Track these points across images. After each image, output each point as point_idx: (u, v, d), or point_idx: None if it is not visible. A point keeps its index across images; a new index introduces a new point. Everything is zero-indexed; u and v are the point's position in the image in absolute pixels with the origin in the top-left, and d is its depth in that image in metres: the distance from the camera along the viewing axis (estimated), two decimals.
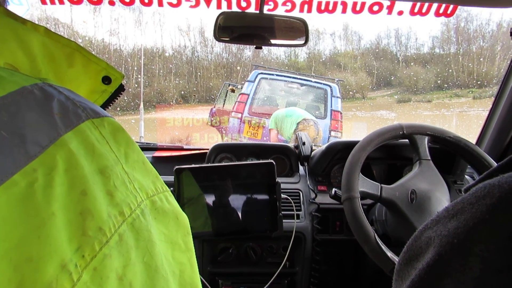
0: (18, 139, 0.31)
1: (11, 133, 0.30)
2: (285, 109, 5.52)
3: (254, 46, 1.29)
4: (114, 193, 0.34)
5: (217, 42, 1.32)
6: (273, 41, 1.30)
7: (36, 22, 0.45)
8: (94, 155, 0.35)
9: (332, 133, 5.99)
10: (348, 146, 1.49)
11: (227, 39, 1.28)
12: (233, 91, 7.66)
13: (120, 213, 0.34)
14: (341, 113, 6.23)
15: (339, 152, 1.63)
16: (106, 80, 0.51)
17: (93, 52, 0.50)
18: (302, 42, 1.31)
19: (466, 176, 1.62)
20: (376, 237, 1.15)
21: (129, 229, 0.34)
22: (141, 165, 0.40)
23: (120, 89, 0.54)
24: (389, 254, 1.12)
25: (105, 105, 0.55)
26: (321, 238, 1.48)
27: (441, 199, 1.23)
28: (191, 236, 0.42)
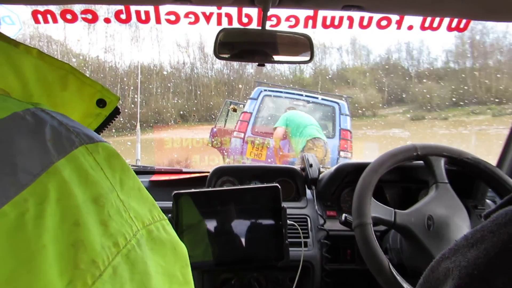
0: (9, 168, 0.31)
1: (1, 162, 0.30)
2: (302, 114, 5.63)
3: (256, 63, 1.31)
4: (108, 223, 0.34)
5: (217, 59, 1.35)
6: (276, 58, 1.31)
7: (28, 40, 0.46)
8: (87, 183, 0.35)
9: (341, 153, 6.00)
10: (359, 168, 1.48)
11: (227, 56, 1.30)
12: (234, 110, 7.71)
13: (115, 244, 0.34)
14: (350, 132, 6.25)
15: (349, 174, 1.63)
16: (101, 103, 0.52)
17: (87, 72, 0.51)
18: (307, 58, 1.32)
19: (487, 201, 1.59)
20: (391, 266, 1.14)
21: (123, 261, 0.34)
22: (137, 192, 0.40)
23: (115, 112, 0.55)
24: (405, 285, 1.10)
25: (99, 129, 0.56)
26: (331, 268, 1.46)
27: (461, 226, 1.22)
28: (189, 267, 0.42)
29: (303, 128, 5.32)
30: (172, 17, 2.61)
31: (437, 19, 2.29)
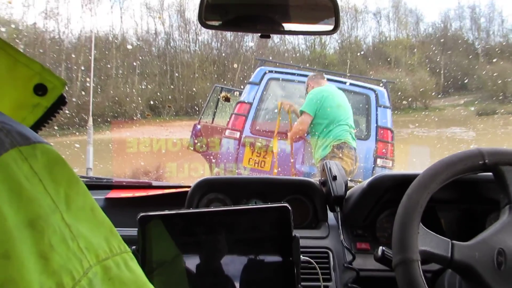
0: None
1: None
2: (343, 97, 5.57)
3: (259, 34, 1.30)
4: (49, 256, 0.34)
5: (203, 28, 1.34)
6: (287, 27, 1.30)
7: None
8: (21, 200, 0.35)
9: (379, 161, 6.05)
10: (403, 182, 1.47)
11: (217, 23, 1.29)
12: (227, 99, 7.73)
13: (58, 285, 0.34)
14: (391, 132, 6.28)
15: (389, 191, 1.65)
16: (40, 89, 0.52)
17: (20, 46, 0.52)
18: (330, 27, 1.31)
19: None
20: None
21: None
22: (89, 213, 0.40)
23: (60, 102, 0.55)
24: None
25: (38, 126, 0.56)
26: None
27: None
28: None
29: (336, 124, 5.30)
30: None
31: None
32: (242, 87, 7.85)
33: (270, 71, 6.71)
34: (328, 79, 6.69)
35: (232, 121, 6.39)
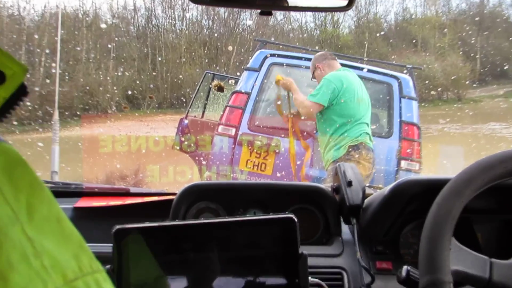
0: None
1: None
2: (361, 85, 5.55)
3: (258, 10, 1.30)
4: (8, 276, 0.34)
5: (191, 3, 1.34)
6: (291, 2, 1.30)
7: None
8: None
9: (403, 163, 6.07)
10: (431, 188, 1.47)
11: None
12: (220, 88, 7.69)
13: None
14: (418, 128, 6.32)
15: (415, 199, 1.66)
16: None
17: None
18: (344, 3, 1.31)
19: None
20: None
21: None
22: (55, 225, 0.40)
23: (20, 92, 0.55)
24: None
25: None
26: None
27: None
28: None
29: (355, 122, 5.26)
30: None
31: None
32: (238, 74, 7.84)
33: (272, 55, 6.68)
34: (342, 65, 6.70)
35: (227, 115, 6.38)
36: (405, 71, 7.05)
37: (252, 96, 6.36)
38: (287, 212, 1.35)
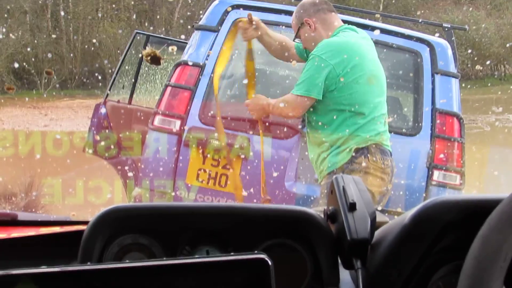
0: None
1: None
2: (381, 68, 5.18)
3: None
4: None
5: None
6: None
7: None
8: None
9: (436, 174, 6.09)
10: (474, 213, 1.51)
11: None
12: (154, 59, 7.51)
13: None
14: (460, 120, 6.28)
15: (450, 230, 1.68)
16: None
17: None
18: None
19: None
20: None
21: None
22: None
23: None
24: None
25: None
26: None
27: None
28: None
29: (367, 112, 5.00)
30: None
31: None
32: (184, 36, 7.82)
33: (237, 7, 6.57)
34: (344, 22, 6.60)
35: (167, 99, 6.28)
36: (440, 33, 6.80)
37: (206, 71, 6.25)
38: (256, 251, 1.37)
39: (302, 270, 1.70)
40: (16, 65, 21.86)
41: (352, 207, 1.64)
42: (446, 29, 6.52)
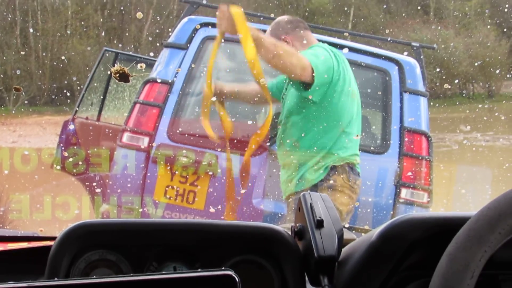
0: None
1: None
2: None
3: None
4: None
5: None
6: None
7: None
8: None
9: (404, 192, 6.10)
10: (441, 231, 1.56)
11: None
12: (123, 76, 7.47)
13: None
14: (428, 138, 6.27)
15: (417, 247, 1.67)
16: None
17: None
18: None
19: None
20: None
21: None
22: None
23: None
24: None
25: None
26: None
27: None
28: None
29: (347, 127, 5.03)
30: None
31: None
32: (152, 54, 7.81)
33: (206, 24, 6.56)
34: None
35: (136, 116, 6.23)
36: (406, 53, 6.69)
37: (175, 88, 6.30)
38: (224, 268, 1.37)
39: (269, 287, 1.69)
40: None
41: (319, 224, 1.65)
42: (415, 47, 6.58)
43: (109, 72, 7.68)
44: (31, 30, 24.84)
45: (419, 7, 27.81)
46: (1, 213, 6.53)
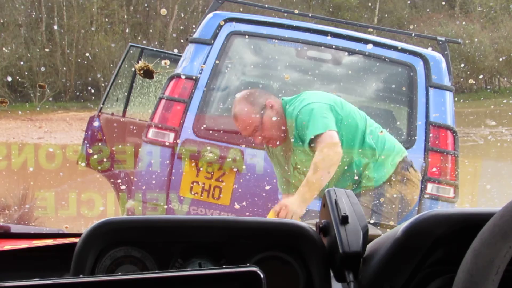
0: None
1: None
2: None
3: None
4: None
5: None
6: None
7: None
8: None
9: (429, 187, 6.10)
10: (466, 227, 1.56)
11: None
12: (147, 73, 7.49)
13: None
14: (454, 134, 6.25)
15: (442, 243, 1.68)
16: None
17: None
18: None
19: None
20: None
21: None
22: None
23: None
24: None
25: None
26: None
27: None
28: None
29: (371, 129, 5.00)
30: None
31: None
32: (177, 50, 7.79)
33: (231, 20, 6.62)
34: (336, 36, 6.56)
35: (161, 112, 6.24)
36: (432, 47, 6.70)
37: (200, 84, 6.27)
38: (249, 264, 1.36)
39: (294, 283, 1.69)
40: (9, 78, 21.71)
41: (344, 220, 1.63)
42: (440, 42, 6.50)
43: (133, 69, 7.63)
44: (56, 26, 24.77)
45: (444, 2, 27.41)
46: (27, 210, 6.52)
